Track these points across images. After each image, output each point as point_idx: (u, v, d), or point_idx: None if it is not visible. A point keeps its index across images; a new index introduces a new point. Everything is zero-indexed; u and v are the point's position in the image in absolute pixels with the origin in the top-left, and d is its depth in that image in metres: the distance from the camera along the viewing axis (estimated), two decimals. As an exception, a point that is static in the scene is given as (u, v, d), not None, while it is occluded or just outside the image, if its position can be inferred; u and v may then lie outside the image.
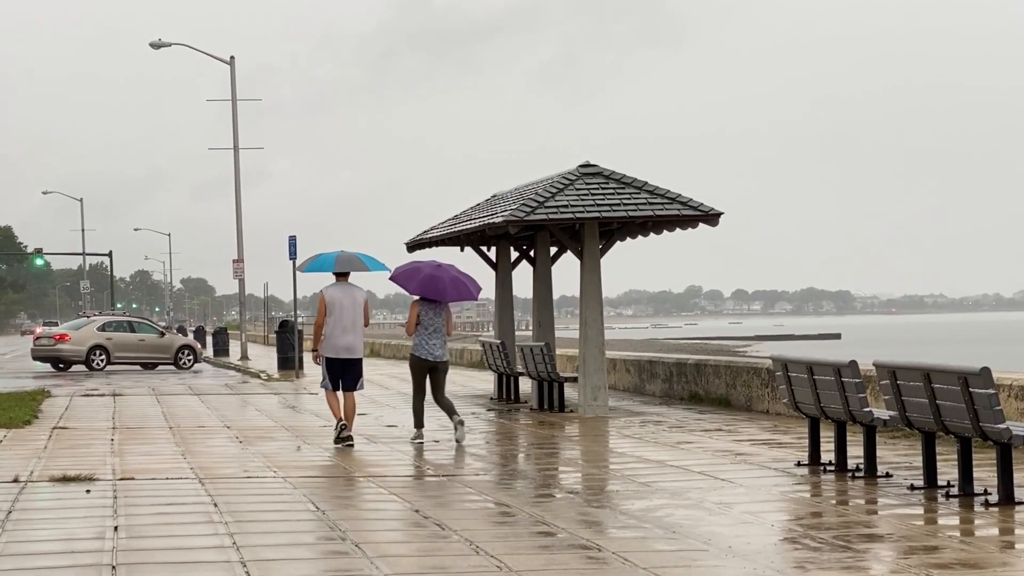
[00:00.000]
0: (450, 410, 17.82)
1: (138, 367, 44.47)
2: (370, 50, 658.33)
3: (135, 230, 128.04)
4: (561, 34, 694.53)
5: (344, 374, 17.60)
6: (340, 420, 17.44)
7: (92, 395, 28.68)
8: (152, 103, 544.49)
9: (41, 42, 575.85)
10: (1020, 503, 11.55)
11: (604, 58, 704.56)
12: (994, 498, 11.71)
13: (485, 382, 31.01)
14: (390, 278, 18.51)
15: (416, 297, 17.84)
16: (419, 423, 18.06)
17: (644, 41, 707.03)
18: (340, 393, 17.62)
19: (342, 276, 17.84)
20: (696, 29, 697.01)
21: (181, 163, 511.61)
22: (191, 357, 44.99)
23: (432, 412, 18.90)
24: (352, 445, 17.25)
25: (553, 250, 25.81)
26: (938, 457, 12.77)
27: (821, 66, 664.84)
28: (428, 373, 17.83)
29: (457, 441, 17.51)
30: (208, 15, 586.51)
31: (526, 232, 24.74)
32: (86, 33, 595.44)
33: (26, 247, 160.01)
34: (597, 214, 21.72)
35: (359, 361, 17.69)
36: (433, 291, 17.64)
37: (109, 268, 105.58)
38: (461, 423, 17.70)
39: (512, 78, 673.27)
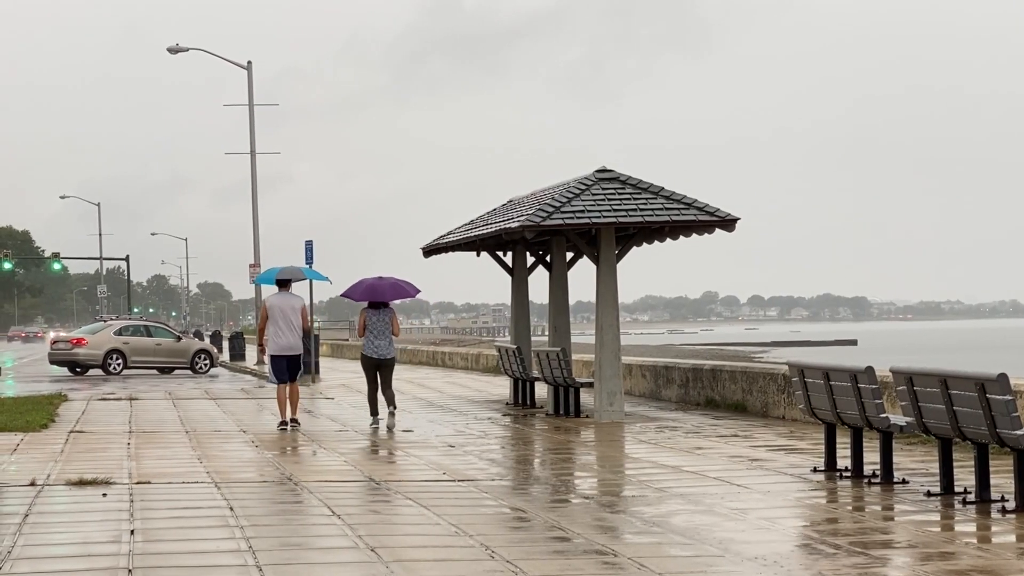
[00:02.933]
0: (390, 401, 20.49)
1: (155, 371, 44.56)
2: (397, 54, 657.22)
3: (152, 235, 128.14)
4: (587, 38, 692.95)
5: (287, 368, 20.51)
6: (283, 421, 20.40)
7: (109, 399, 28.74)
8: (174, 107, 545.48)
9: (67, 48, 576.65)
10: (1037, 510, 11.51)
11: (628, 62, 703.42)
12: (1011, 505, 11.67)
13: (501, 387, 31.00)
14: (341, 295, 21.59)
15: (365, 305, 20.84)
16: (374, 411, 20.74)
17: (670, 46, 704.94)
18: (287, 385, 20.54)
19: (283, 286, 20.96)
20: (722, 35, 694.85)
21: (202, 167, 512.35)
22: (207, 361, 45.06)
23: (449, 419, 19.04)
24: (295, 426, 20.36)
25: (569, 255, 25.80)
26: (955, 463, 12.74)
27: (840, 73, 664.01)
28: (377, 368, 20.58)
29: (388, 428, 20.13)
30: (236, 18, 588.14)
31: (542, 237, 24.75)
32: (110, 38, 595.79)
33: (43, 251, 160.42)
34: (613, 219, 21.71)
35: (298, 357, 20.65)
36: (373, 295, 20.59)
37: (126, 272, 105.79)
38: (392, 414, 20.41)
39: (536, 82, 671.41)
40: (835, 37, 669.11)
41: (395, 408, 20.58)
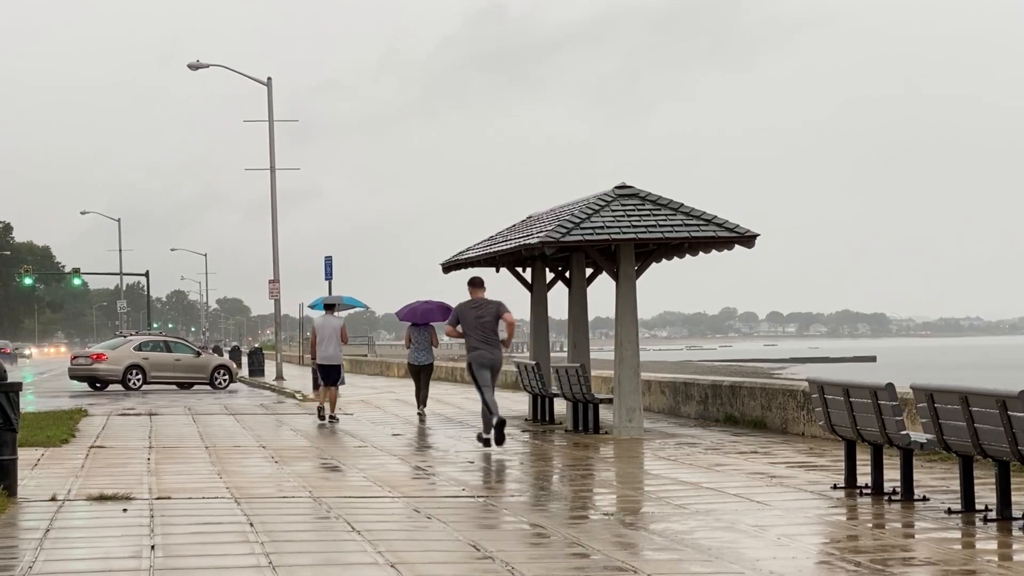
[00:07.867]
0: (423, 400, 27.38)
1: (174, 387, 44.66)
2: (432, 67, 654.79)
3: (172, 250, 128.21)
4: (626, 51, 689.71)
5: (328, 375, 26.19)
6: (321, 408, 26.32)
7: (129, 414, 28.82)
8: (203, 123, 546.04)
9: (99, 63, 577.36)
10: (1059, 528, 11.47)
11: (665, 75, 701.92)
12: (1032, 522, 11.64)
13: (520, 403, 30.98)
14: (396, 313, 28.71)
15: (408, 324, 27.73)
16: (418, 403, 27.35)
17: (709, 60, 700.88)
18: (328, 387, 26.30)
19: (329, 310, 27.32)
20: (764, 52, 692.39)
21: (227, 184, 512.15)
22: (227, 377, 45.15)
23: (468, 434, 18.97)
24: (333, 422, 25.55)
25: (588, 271, 25.79)
26: (976, 481, 12.69)
27: (870, 91, 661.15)
28: (419, 372, 27.38)
29: (420, 418, 26.48)
30: (274, 31, 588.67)
31: (562, 253, 24.76)
32: (147, 54, 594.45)
33: (63, 267, 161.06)
34: (633, 236, 21.71)
35: (338, 367, 26.30)
36: (410, 316, 27.40)
37: (146, 288, 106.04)
38: (422, 411, 27.27)
39: (572, 95, 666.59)
40: (873, 56, 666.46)
41: (424, 407, 27.26)
